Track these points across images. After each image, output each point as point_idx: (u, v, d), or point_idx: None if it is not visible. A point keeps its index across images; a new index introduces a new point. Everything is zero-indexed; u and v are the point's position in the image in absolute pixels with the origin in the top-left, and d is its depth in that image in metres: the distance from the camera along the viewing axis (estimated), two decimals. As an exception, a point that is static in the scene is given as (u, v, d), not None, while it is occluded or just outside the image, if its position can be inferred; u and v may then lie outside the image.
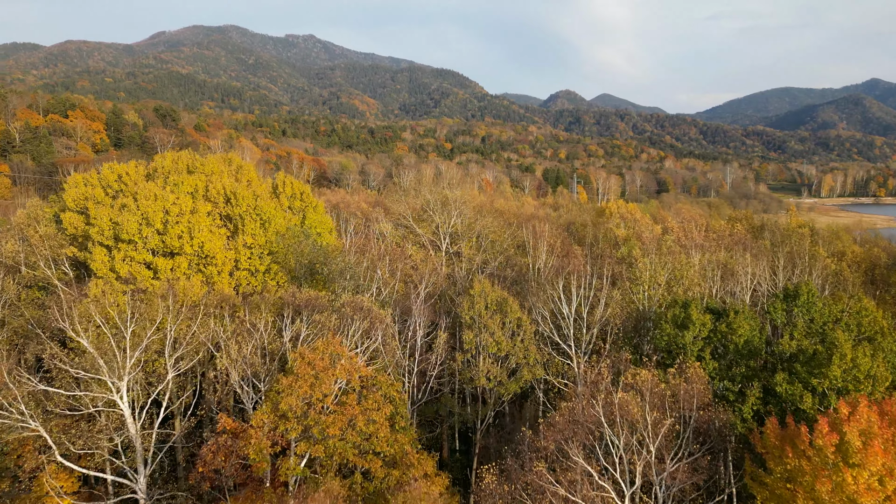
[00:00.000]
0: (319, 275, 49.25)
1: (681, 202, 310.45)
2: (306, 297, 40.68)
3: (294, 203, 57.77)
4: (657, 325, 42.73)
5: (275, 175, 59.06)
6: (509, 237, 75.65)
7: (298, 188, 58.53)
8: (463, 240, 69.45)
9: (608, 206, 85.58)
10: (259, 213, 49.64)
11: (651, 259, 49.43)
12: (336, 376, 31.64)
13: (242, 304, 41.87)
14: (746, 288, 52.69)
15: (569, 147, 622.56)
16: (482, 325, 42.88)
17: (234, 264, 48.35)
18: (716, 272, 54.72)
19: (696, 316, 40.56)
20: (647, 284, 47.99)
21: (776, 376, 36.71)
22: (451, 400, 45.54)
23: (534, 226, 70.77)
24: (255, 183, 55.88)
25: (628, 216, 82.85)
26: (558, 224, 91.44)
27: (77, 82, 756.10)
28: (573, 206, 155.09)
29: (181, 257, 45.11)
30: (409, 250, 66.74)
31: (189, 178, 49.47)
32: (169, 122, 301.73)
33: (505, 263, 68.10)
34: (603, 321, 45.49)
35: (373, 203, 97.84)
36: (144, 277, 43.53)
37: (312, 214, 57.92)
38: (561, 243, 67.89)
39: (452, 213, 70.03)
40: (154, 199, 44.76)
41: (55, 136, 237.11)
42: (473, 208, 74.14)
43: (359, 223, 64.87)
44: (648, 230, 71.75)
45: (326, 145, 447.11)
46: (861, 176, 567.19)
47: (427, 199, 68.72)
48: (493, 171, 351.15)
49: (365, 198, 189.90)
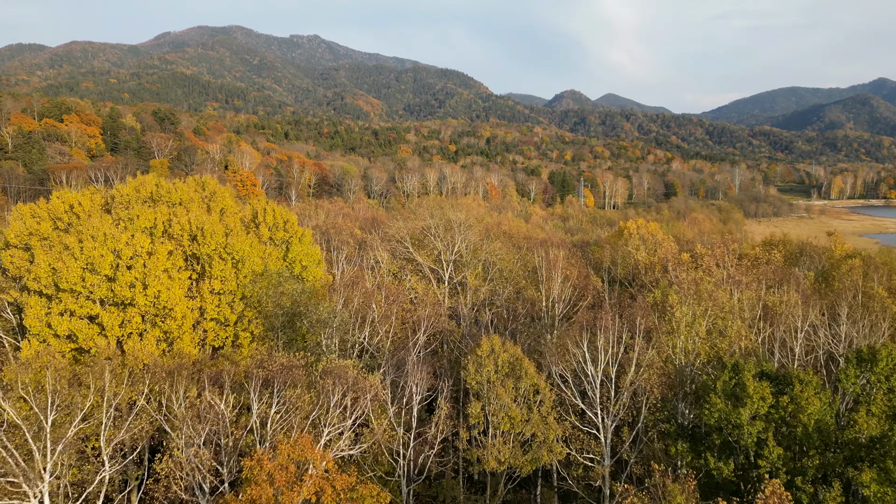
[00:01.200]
0: (301, 324, 42.08)
1: (691, 207, 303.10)
2: (279, 365, 33.46)
3: (276, 234, 50.50)
4: (703, 396, 35.34)
5: (254, 202, 51.84)
6: (518, 263, 68.33)
7: (282, 216, 51.24)
8: (468, 268, 62.27)
9: (627, 226, 78.07)
10: (231, 252, 42.43)
11: (689, 304, 42.08)
12: (303, 495, 24.39)
13: (201, 373, 34.60)
14: (797, 337, 45.18)
15: (574, 148, 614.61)
16: (491, 395, 35.57)
17: (199, 314, 41.19)
18: (760, 319, 47.31)
19: (753, 387, 33.15)
20: (685, 336, 40.67)
21: (862, 475, 29.23)
22: (455, 486, 38.17)
23: (546, 252, 63.42)
24: (231, 211, 48.74)
25: (649, 237, 75.37)
26: (571, 243, 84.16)
27: (81, 83, 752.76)
28: (583, 218, 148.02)
29: (134, 309, 38.00)
30: (408, 281, 59.54)
31: (147, 211, 42.24)
32: (167, 125, 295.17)
33: (515, 296, 60.85)
34: (636, 386, 38.09)
35: (370, 221, 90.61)
36: (87, 335, 36.40)
37: (297, 246, 50.67)
38: (577, 273, 60.56)
39: (457, 238, 62.84)
40: (103, 239, 37.65)
41: (49, 141, 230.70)
42: (479, 232, 66.87)
43: (351, 251, 57.76)
44: (674, 257, 64.27)
45: (329, 148, 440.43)
46: (871, 177, 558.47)
47: (428, 224, 61.48)
48: (499, 175, 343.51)
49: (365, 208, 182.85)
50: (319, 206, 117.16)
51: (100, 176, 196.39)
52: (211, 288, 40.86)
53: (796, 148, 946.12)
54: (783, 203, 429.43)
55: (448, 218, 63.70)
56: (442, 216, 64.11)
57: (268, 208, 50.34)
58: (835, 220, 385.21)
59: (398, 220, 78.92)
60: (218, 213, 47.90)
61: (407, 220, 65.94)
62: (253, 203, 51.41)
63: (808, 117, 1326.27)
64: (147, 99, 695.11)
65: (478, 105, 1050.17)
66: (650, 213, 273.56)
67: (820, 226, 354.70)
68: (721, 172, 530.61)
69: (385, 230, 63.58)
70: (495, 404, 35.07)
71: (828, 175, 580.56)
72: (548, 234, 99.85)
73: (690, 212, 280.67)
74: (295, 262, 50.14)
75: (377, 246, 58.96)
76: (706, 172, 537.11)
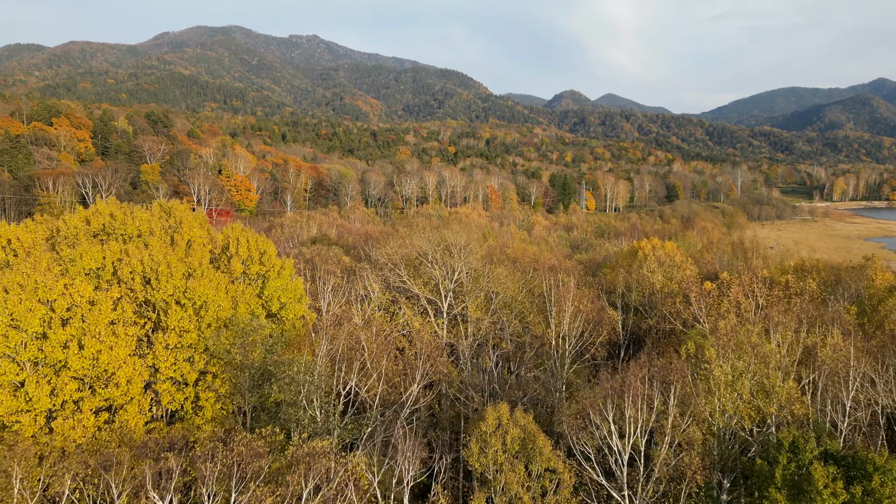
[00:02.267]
0: (270, 388, 35.64)
1: (696, 212, 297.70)
2: (236, 454, 27.06)
3: (251, 268, 44.06)
4: (759, 487, 29.05)
5: (227, 230, 45.36)
6: (524, 290, 61.96)
7: (257, 247, 44.73)
8: (469, 297, 56.00)
9: (641, 247, 71.74)
10: (191, 297, 36.08)
11: (727, 357, 35.82)
12: None
13: (149, 454, 28.14)
14: (846, 388, 38.85)
15: (575, 150, 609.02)
16: (498, 484, 29.23)
17: (152, 373, 34.81)
18: (800, 364, 41.01)
19: (821, 478, 26.95)
20: (725, 398, 34.41)
21: None
22: None
23: (555, 279, 57.09)
24: (199, 243, 42.37)
25: (666, 259, 69.10)
26: (580, 265, 77.85)
27: (79, 84, 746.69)
28: (588, 228, 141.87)
29: (69, 372, 31.68)
30: (402, 316, 53.19)
31: (93, 249, 35.82)
32: (160, 128, 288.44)
33: (522, 330, 54.58)
34: (670, 467, 31.74)
35: (364, 237, 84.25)
36: (10, 409, 29.97)
37: (275, 281, 44.32)
38: (590, 305, 54.22)
39: (457, 265, 56.55)
40: (33, 288, 31.35)
41: (37, 145, 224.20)
42: (481, 256, 60.58)
43: (339, 281, 51.48)
44: (696, 286, 57.95)
45: (327, 150, 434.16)
46: (873, 179, 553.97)
47: (424, 250, 55.13)
48: (499, 178, 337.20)
49: (360, 217, 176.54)
50: (312, 218, 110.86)
51: (87, 182, 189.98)
52: (166, 343, 34.46)
53: (797, 148, 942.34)
54: (786, 206, 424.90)
55: (446, 241, 57.38)
56: (440, 240, 57.81)
57: (241, 238, 43.81)
58: (839, 223, 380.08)
59: (394, 237, 72.57)
60: (184, 246, 41.53)
61: (404, 238, 59.62)
62: (225, 232, 45.06)
63: (808, 117, 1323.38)
64: (145, 99, 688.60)
65: (477, 105, 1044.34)
66: (654, 218, 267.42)
67: (825, 229, 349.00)
68: (722, 174, 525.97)
69: (377, 256, 57.16)
70: (503, 496, 28.76)
71: (829, 176, 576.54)
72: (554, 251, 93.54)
73: (695, 217, 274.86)
74: (272, 300, 43.75)
75: (368, 275, 52.70)
76: (707, 174, 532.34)
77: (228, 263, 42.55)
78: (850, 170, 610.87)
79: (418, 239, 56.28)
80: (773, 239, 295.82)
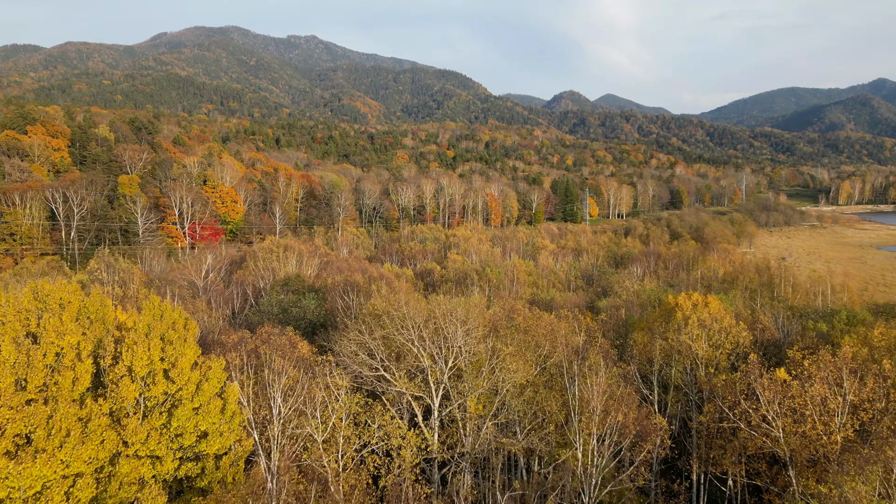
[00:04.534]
0: None
1: (704, 221, 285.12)
2: None
3: (152, 390, 30.43)
4: None
5: (125, 316, 32.02)
6: (538, 369, 48.78)
7: (170, 351, 31.22)
8: (469, 391, 42.84)
9: (679, 304, 58.46)
10: (13, 495, 22.62)
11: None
12: None
13: None
14: None
15: (576, 152, 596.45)
16: None
17: None
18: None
19: None
20: None
21: None
22: None
23: (582, 374, 43.75)
24: (70, 357, 29.05)
25: (710, 321, 55.92)
26: (605, 327, 64.56)
27: (74, 85, 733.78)
28: (600, 252, 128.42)
29: None
30: (374, 429, 39.95)
31: None
32: (144, 135, 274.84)
33: (537, 437, 41.39)
34: None
35: (344, 283, 70.88)
36: None
37: (188, 404, 30.96)
38: (626, 409, 41.05)
39: (453, 345, 43.37)
40: None
41: (9, 156, 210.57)
42: (483, 329, 47.32)
43: (295, 377, 38.03)
44: (757, 368, 44.75)
45: (322, 155, 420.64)
46: (879, 182, 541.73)
47: (410, 336, 41.72)
48: (499, 184, 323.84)
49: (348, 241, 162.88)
50: (290, 249, 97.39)
51: (58, 196, 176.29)
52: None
53: (798, 149, 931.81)
54: (794, 211, 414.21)
55: (434, 316, 44.09)
56: (425, 311, 44.58)
57: (140, 344, 30.09)
58: (848, 230, 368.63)
59: (376, 296, 59.07)
60: (41, 370, 28.17)
61: (379, 321, 46.02)
62: (122, 318, 31.66)
63: (809, 118, 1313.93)
64: (140, 101, 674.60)
65: (476, 106, 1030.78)
66: (661, 228, 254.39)
67: (835, 236, 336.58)
68: (726, 177, 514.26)
69: (340, 349, 43.51)
70: None
71: (833, 179, 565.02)
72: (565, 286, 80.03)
73: (705, 227, 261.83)
74: (185, 434, 30.55)
75: (332, 370, 39.54)
76: (710, 177, 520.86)
77: (117, 386, 29.14)
78: (854, 172, 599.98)
79: (402, 323, 42.88)
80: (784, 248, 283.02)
